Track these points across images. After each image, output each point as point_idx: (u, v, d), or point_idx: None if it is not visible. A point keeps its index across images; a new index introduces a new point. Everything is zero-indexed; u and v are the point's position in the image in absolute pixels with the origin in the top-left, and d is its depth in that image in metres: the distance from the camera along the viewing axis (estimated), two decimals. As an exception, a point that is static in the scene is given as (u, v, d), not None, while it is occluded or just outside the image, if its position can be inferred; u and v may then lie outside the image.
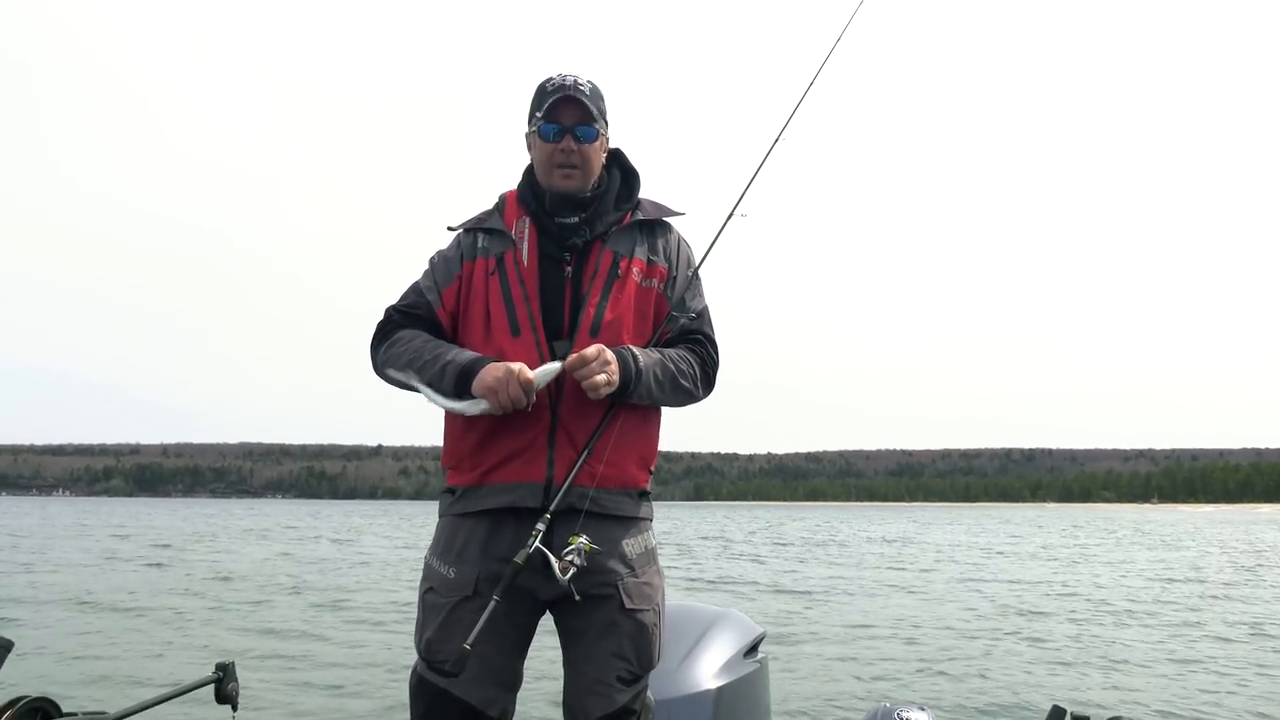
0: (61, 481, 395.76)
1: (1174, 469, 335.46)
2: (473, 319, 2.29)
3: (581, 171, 2.28)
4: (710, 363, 2.38)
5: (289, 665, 8.86)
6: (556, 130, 2.26)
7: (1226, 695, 7.56)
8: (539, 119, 2.27)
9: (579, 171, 2.28)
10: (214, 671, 2.39)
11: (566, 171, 2.28)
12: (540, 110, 2.27)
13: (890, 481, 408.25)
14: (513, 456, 2.20)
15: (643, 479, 2.30)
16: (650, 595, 2.26)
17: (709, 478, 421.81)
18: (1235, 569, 21.81)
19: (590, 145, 2.28)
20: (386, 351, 2.30)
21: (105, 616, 12.36)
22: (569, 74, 2.30)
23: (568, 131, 2.26)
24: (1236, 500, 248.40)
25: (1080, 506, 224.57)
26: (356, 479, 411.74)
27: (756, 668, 2.83)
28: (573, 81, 2.27)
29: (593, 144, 2.29)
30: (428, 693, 2.18)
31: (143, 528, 44.20)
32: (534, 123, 2.30)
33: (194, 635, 10.84)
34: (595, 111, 2.27)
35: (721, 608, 2.98)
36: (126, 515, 68.35)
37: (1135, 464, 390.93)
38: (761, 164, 2.53)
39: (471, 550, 2.20)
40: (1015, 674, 8.36)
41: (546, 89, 2.28)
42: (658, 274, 2.35)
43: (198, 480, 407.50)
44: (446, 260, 2.35)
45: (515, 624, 2.19)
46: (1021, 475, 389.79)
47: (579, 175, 2.28)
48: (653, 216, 2.39)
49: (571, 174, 2.28)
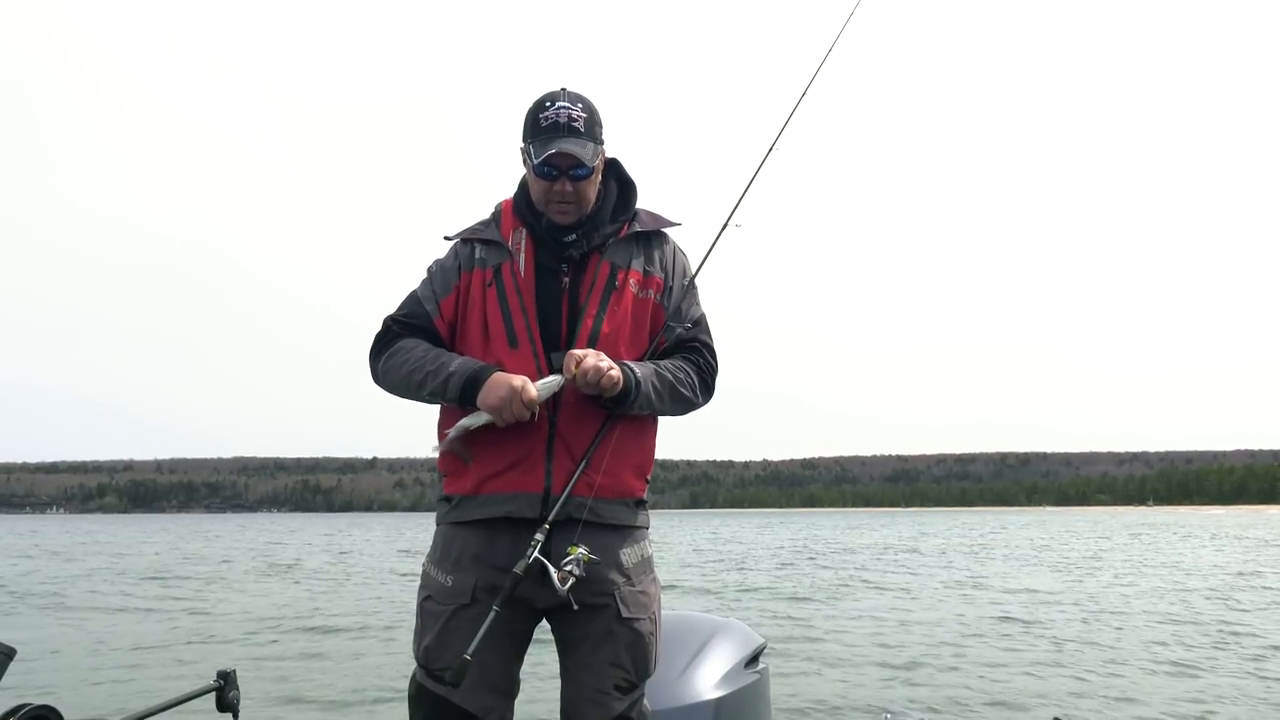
0: (55, 499, 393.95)
1: (1169, 472, 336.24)
2: (471, 330, 2.30)
3: (577, 207, 2.29)
4: (709, 370, 2.40)
5: (290, 673, 8.85)
6: (551, 172, 2.25)
7: (1227, 703, 7.54)
8: (533, 156, 2.25)
9: (574, 207, 2.29)
10: (215, 680, 2.38)
11: (562, 209, 2.29)
12: (534, 146, 2.25)
13: (886, 488, 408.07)
14: (511, 466, 2.22)
15: (640, 488, 2.33)
16: (647, 604, 2.28)
17: (705, 486, 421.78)
18: (1237, 573, 21.80)
19: (585, 182, 2.28)
20: (387, 361, 2.31)
21: (107, 625, 12.38)
22: (563, 103, 2.25)
23: (563, 174, 2.25)
24: (1231, 502, 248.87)
25: (1077, 510, 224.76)
26: (352, 492, 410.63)
27: (757, 678, 2.82)
28: (566, 118, 2.24)
29: (588, 180, 2.28)
30: (427, 700, 2.20)
31: (141, 542, 44.07)
32: (528, 148, 2.28)
33: (195, 643, 10.84)
34: (590, 152, 2.25)
35: (722, 617, 2.97)
36: (124, 533, 68.03)
37: (1130, 467, 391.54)
38: (755, 175, 2.56)
39: (469, 558, 2.22)
40: (1016, 683, 8.34)
41: (540, 122, 2.25)
42: (654, 285, 2.36)
43: (192, 496, 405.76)
44: (445, 270, 2.36)
45: (512, 632, 2.21)
46: (1017, 480, 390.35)
47: (574, 210, 2.29)
48: (649, 228, 2.41)
49: (567, 209, 2.29)
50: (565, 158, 2.22)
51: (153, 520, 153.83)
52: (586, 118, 2.26)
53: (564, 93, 2.27)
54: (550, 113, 2.24)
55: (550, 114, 2.24)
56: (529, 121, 2.27)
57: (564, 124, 2.23)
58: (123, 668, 9.22)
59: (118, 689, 8.11)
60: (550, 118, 2.23)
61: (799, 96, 2.63)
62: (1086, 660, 9.50)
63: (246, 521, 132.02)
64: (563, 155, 2.21)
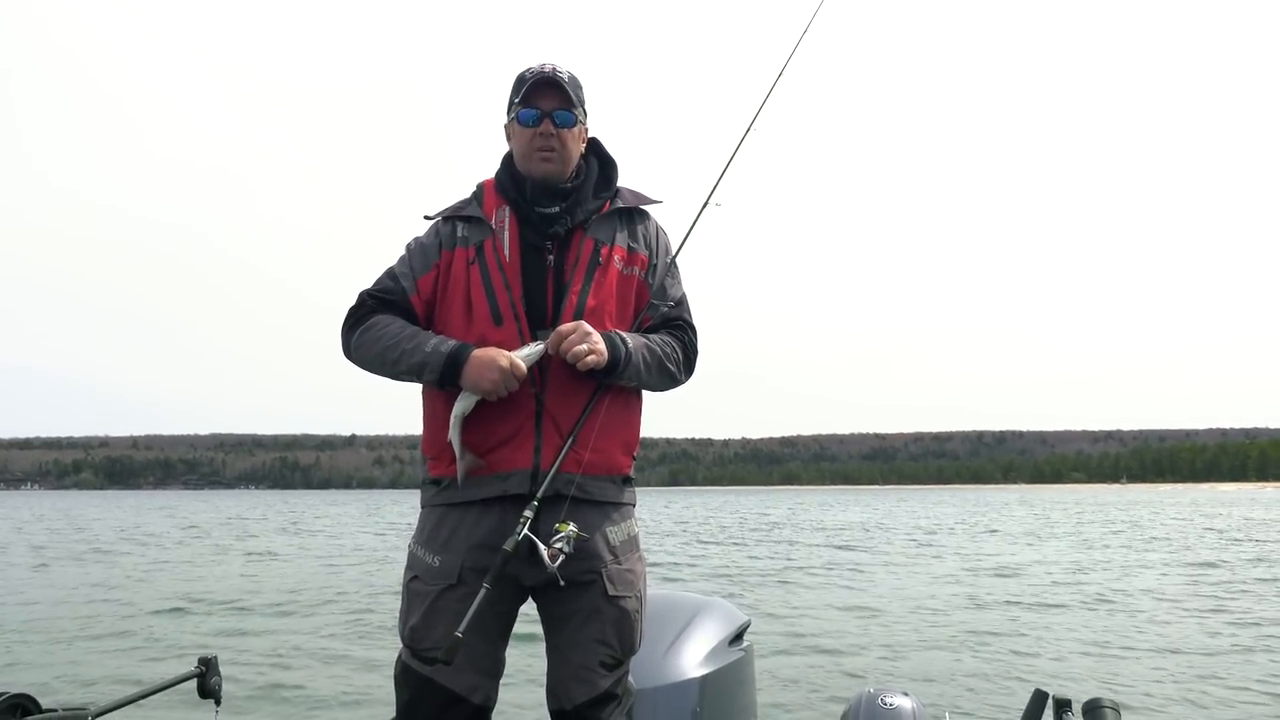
0: (30, 475, 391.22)
1: (1142, 450, 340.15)
2: (453, 307, 2.29)
3: (560, 156, 2.30)
4: (691, 347, 2.42)
5: (272, 659, 8.80)
6: (535, 115, 2.28)
7: (1210, 678, 7.65)
8: (517, 105, 2.30)
9: (557, 155, 2.29)
10: (196, 666, 2.38)
11: (545, 155, 2.29)
12: (519, 96, 2.30)
13: (864, 465, 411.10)
14: (499, 444, 2.21)
15: (627, 465, 2.33)
16: (632, 581, 2.29)
17: (684, 464, 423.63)
18: (1217, 548, 22.11)
19: (569, 130, 2.30)
20: (360, 336, 2.30)
21: (85, 611, 12.22)
22: (548, 62, 2.32)
23: (546, 116, 2.27)
24: (1204, 479, 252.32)
25: (1053, 487, 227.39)
26: (331, 469, 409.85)
27: (742, 655, 2.84)
28: (551, 69, 2.30)
29: (571, 129, 2.30)
30: (412, 680, 2.20)
31: (118, 521, 43.76)
32: (513, 110, 2.32)
33: (176, 629, 10.77)
34: (574, 98, 2.30)
35: (706, 596, 2.99)
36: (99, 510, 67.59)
37: (1104, 445, 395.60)
38: (734, 155, 2.57)
39: (456, 539, 2.22)
40: (998, 658, 8.44)
41: (525, 76, 2.31)
42: (639, 261, 2.37)
43: (169, 473, 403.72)
44: (424, 248, 2.35)
45: (498, 611, 2.21)
46: (993, 458, 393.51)
47: (557, 159, 2.30)
48: (631, 205, 2.41)
49: (550, 157, 2.29)
50: (549, 98, 2.27)
51: (128, 497, 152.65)
52: (570, 78, 2.31)
53: (549, 63, 2.33)
54: (534, 68, 2.31)
55: (534, 69, 2.30)
56: (514, 85, 2.32)
57: (549, 75, 2.29)
58: (102, 654, 9.12)
59: (97, 676, 8.02)
60: (535, 72, 2.30)
61: (775, 77, 2.64)
62: (1068, 637, 9.62)
63: (224, 498, 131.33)
64: (546, 88, 2.27)
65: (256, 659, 8.77)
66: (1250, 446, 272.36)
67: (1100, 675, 7.69)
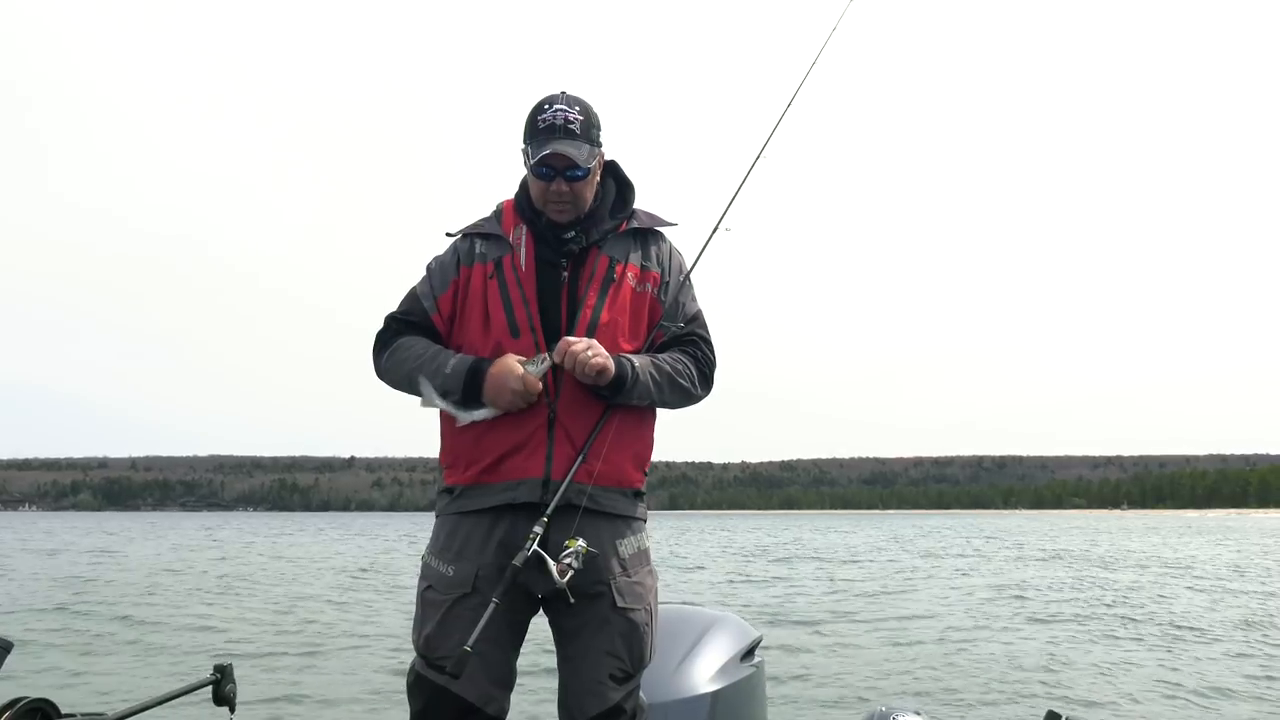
0: (28, 496, 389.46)
1: (1143, 476, 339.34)
2: (471, 321, 2.35)
3: (573, 206, 2.35)
4: (706, 362, 2.45)
5: (287, 667, 8.85)
6: (548, 173, 2.30)
7: (1222, 699, 7.61)
8: (531, 160, 2.32)
9: (570, 207, 2.35)
10: (212, 673, 2.40)
11: (559, 208, 2.34)
12: (532, 147, 2.32)
13: (864, 490, 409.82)
14: (512, 453, 2.25)
15: (638, 479, 2.37)
16: (642, 595, 2.31)
17: (684, 487, 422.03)
18: (1229, 573, 22.02)
19: (581, 183, 2.33)
20: (388, 359, 2.37)
21: (104, 619, 12.32)
22: (560, 106, 2.31)
23: (559, 174, 2.30)
24: (1204, 506, 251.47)
25: (1054, 513, 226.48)
26: (329, 491, 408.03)
27: (753, 671, 2.84)
28: (563, 121, 2.30)
29: (584, 180, 2.33)
30: (425, 690, 2.22)
31: (130, 537, 43.64)
32: (527, 156, 2.35)
33: (192, 637, 10.83)
34: (585, 153, 2.30)
35: (718, 611, 3.00)
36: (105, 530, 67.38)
37: (1105, 471, 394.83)
38: (744, 181, 2.62)
39: (469, 548, 2.25)
40: (1009, 678, 8.41)
41: (539, 124, 2.31)
42: (651, 279, 2.42)
43: (168, 494, 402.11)
44: (443, 266, 2.42)
45: (510, 621, 2.24)
46: (993, 483, 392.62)
47: (571, 210, 2.35)
48: (647, 225, 2.47)
49: (564, 209, 2.34)
50: (560, 159, 2.28)
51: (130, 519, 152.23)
52: (583, 120, 2.31)
53: (563, 95, 2.33)
54: (548, 115, 2.30)
55: (548, 116, 2.30)
56: (528, 123, 2.34)
57: (560, 126, 2.29)
58: (119, 661, 9.25)
59: (114, 682, 8.13)
60: (548, 120, 2.30)
61: (784, 107, 2.68)
62: (1080, 659, 9.57)
63: (226, 520, 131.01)
64: (558, 156, 2.27)
65: (272, 667, 8.80)
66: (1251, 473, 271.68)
67: (1111, 697, 7.66)
